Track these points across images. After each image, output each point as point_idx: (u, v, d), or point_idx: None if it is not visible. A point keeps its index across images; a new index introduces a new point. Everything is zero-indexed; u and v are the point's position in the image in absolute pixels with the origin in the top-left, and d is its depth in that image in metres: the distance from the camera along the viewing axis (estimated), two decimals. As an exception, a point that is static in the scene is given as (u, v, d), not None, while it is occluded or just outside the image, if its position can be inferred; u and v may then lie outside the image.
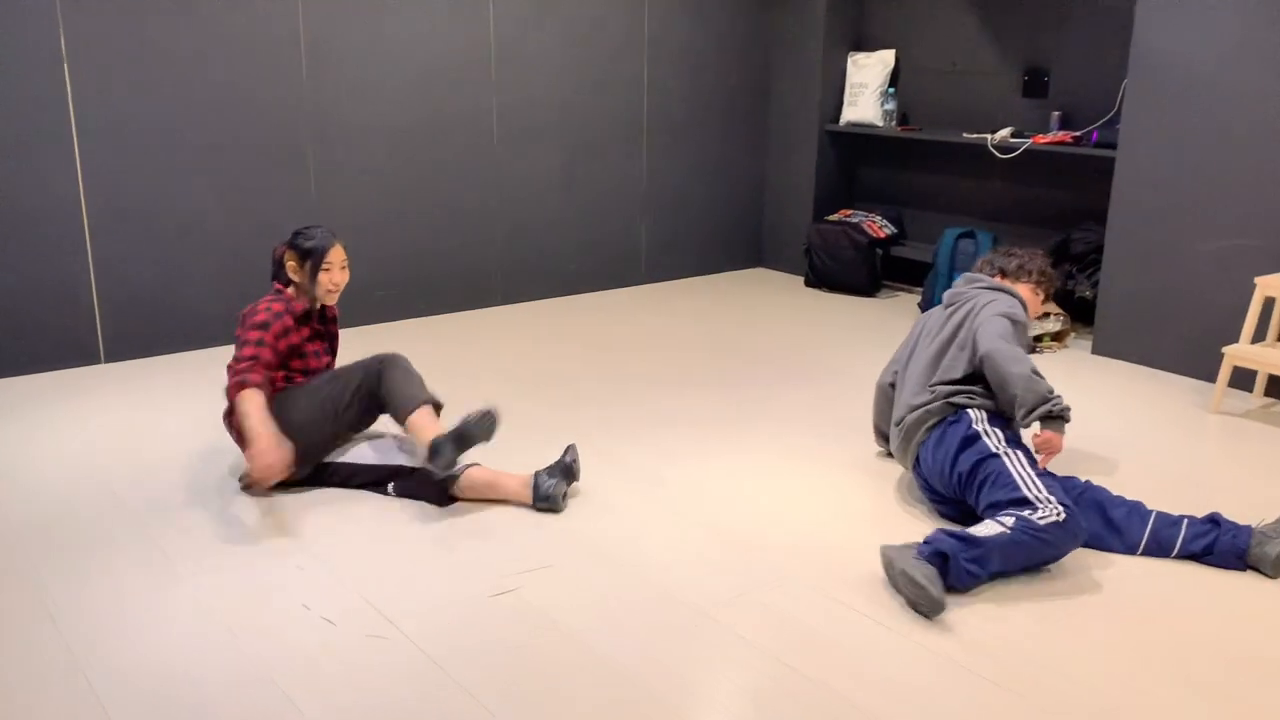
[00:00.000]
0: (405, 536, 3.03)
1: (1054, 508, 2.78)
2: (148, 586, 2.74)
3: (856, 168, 6.55)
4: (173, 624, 2.57)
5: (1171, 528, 2.95)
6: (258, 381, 3.06)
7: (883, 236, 6.02)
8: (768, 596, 2.73)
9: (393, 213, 5.22)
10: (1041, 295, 3.49)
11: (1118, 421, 4.09)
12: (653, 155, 6.13)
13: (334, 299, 3.36)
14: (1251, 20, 4.25)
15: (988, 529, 2.74)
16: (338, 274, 3.31)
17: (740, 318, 5.58)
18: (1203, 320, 4.54)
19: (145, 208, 4.55)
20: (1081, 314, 5.25)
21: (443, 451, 3.03)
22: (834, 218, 6.21)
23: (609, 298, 5.97)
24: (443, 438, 3.05)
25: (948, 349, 3.24)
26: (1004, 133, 5.45)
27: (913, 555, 2.68)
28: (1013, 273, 3.45)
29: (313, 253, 3.26)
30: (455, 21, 5.22)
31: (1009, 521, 2.74)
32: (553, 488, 3.16)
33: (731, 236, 6.64)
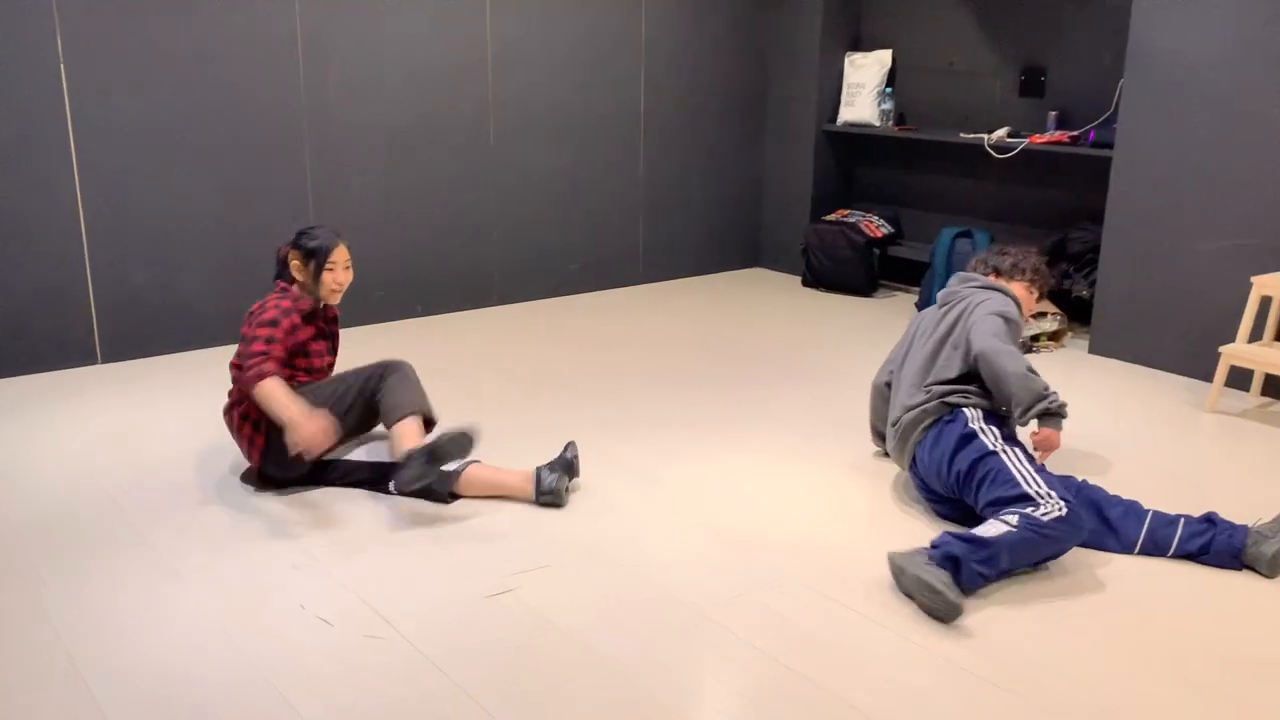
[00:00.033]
0: (402, 536, 3.03)
1: (1056, 503, 2.78)
2: (145, 587, 2.74)
3: (854, 168, 6.56)
4: (170, 624, 2.57)
5: (1168, 527, 2.96)
6: (274, 371, 3.07)
7: (880, 236, 6.03)
8: (766, 597, 2.73)
9: (390, 213, 5.22)
10: (1036, 293, 3.49)
11: (1114, 421, 4.09)
12: (650, 155, 6.13)
13: (337, 299, 3.36)
14: (1248, 19, 4.25)
15: (993, 529, 2.73)
16: (341, 274, 3.31)
17: (738, 318, 5.58)
18: (1199, 320, 4.54)
19: (142, 208, 4.54)
20: (1078, 313, 5.26)
21: (411, 465, 3.01)
22: (831, 218, 6.21)
23: (607, 298, 5.97)
24: (416, 451, 3.03)
25: (942, 349, 3.24)
26: (1001, 132, 5.46)
27: (924, 561, 2.65)
28: (1007, 271, 3.46)
29: (317, 252, 3.27)
30: (452, 22, 5.22)
31: (1013, 520, 2.74)
32: (555, 482, 3.18)
33: (729, 236, 6.64)
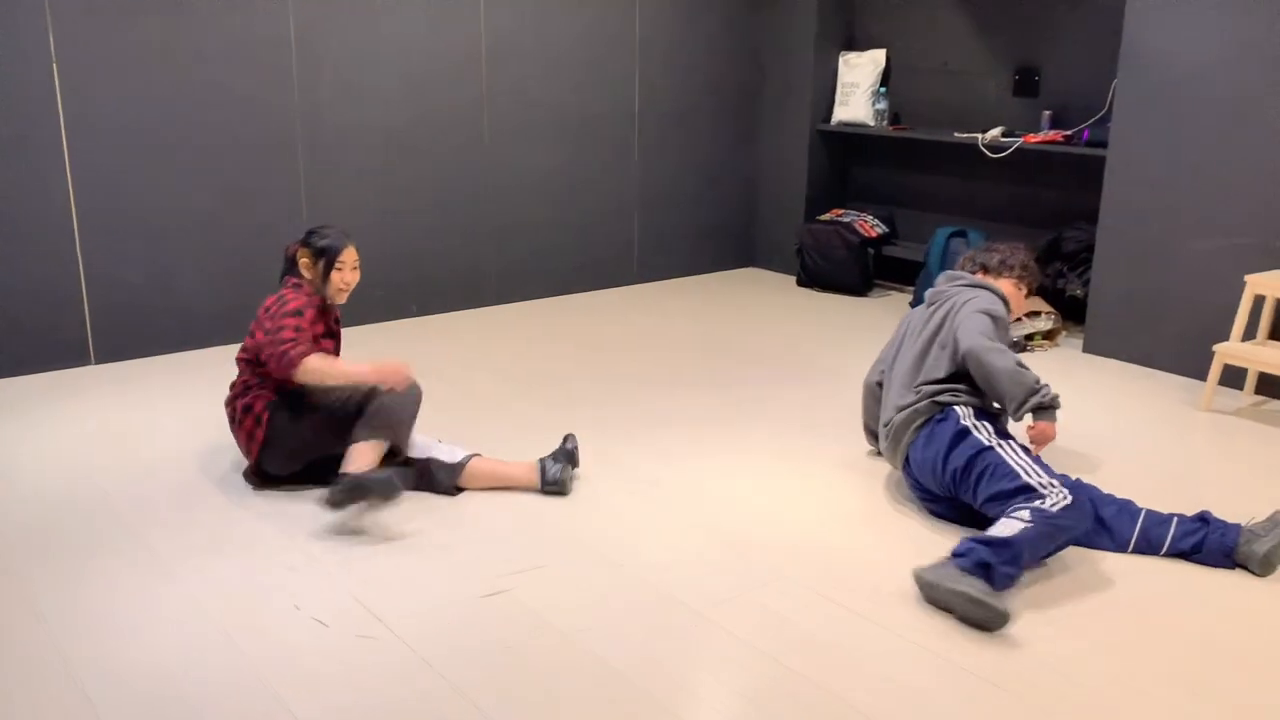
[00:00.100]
0: (398, 537, 3.03)
1: (1060, 491, 2.80)
2: (140, 587, 2.74)
3: (848, 167, 6.56)
4: (165, 625, 2.56)
5: (1161, 526, 2.96)
6: (311, 350, 3.12)
7: (874, 236, 6.03)
8: (764, 596, 2.74)
9: (385, 213, 5.21)
10: (1024, 290, 3.49)
11: (1108, 420, 4.10)
12: (645, 155, 6.13)
13: (344, 298, 3.38)
14: (1241, 19, 4.27)
15: (1009, 527, 2.70)
16: (349, 274, 3.34)
17: (732, 318, 5.59)
18: (1193, 318, 4.55)
19: (135, 208, 4.53)
20: (1073, 313, 5.27)
21: (336, 487, 3.01)
22: (826, 217, 6.22)
23: (601, 297, 5.97)
24: (346, 478, 3.02)
25: (930, 348, 3.24)
26: (995, 132, 5.47)
27: (956, 573, 2.61)
28: (995, 268, 3.46)
29: (326, 251, 3.29)
30: (447, 22, 5.21)
31: (1025, 515, 2.73)
32: (559, 472, 3.30)
33: (723, 236, 6.65)
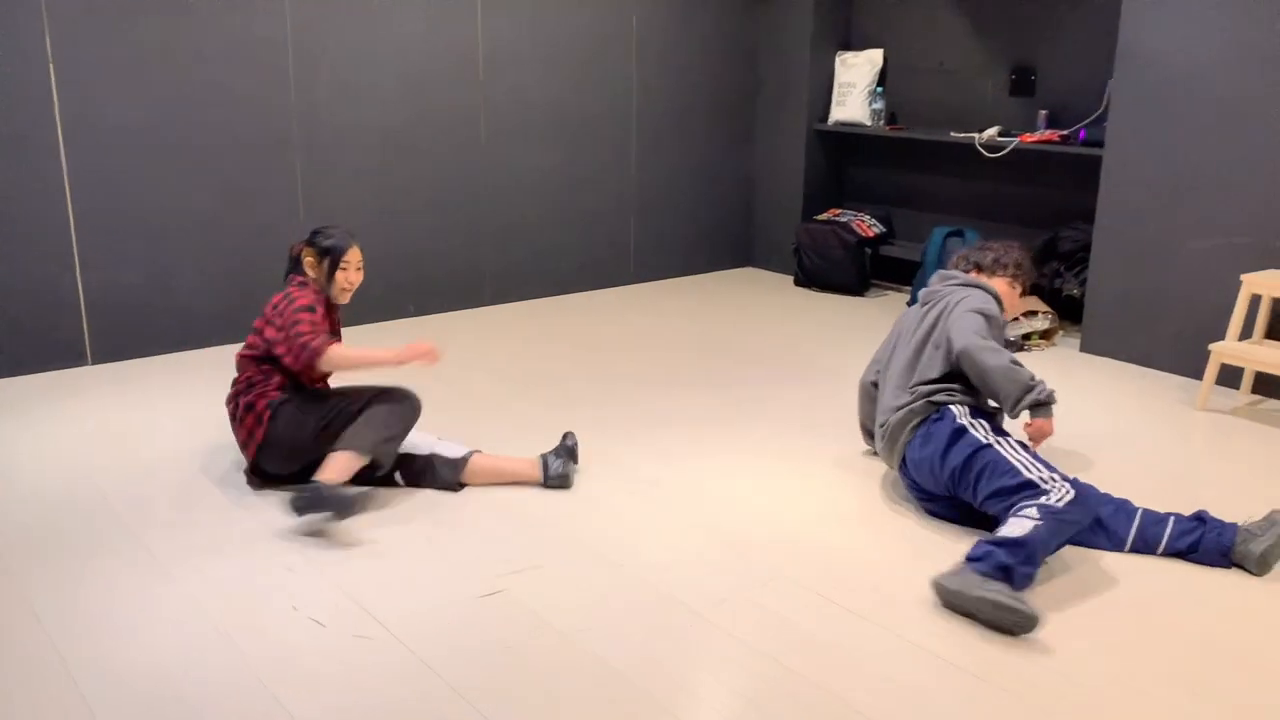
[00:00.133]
0: (395, 537, 3.03)
1: (1063, 485, 2.80)
2: (138, 587, 2.73)
3: (845, 167, 6.57)
4: (163, 625, 2.56)
5: (1157, 525, 2.97)
6: (329, 341, 3.17)
7: (871, 236, 6.04)
8: (762, 596, 2.74)
9: (382, 213, 5.21)
10: (1019, 288, 3.47)
11: (1105, 419, 4.10)
12: (641, 155, 6.13)
13: (347, 298, 3.41)
14: (1237, 18, 4.27)
15: (1020, 527, 2.69)
16: (354, 273, 3.37)
17: (730, 317, 5.59)
18: (1190, 318, 4.56)
19: (132, 208, 4.53)
20: (1069, 312, 5.27)
21: (300, 495, 3.02)
22: (823, 217, 6.22)
23: (598, 297, 5.97)
24: (309, 487, 3.02)
25: (924, 349, 3.23)
26: (991, 132, 5.47)
27: (978, 579, 2.59)
28: (988, 267, 3.45)
29: (331, 251, 3.32)
30: (443, 22, 5.21)
31: (1033, 513, 2.72)
32: (562, 466, 3.38)
33: (720, 236, 6.65)
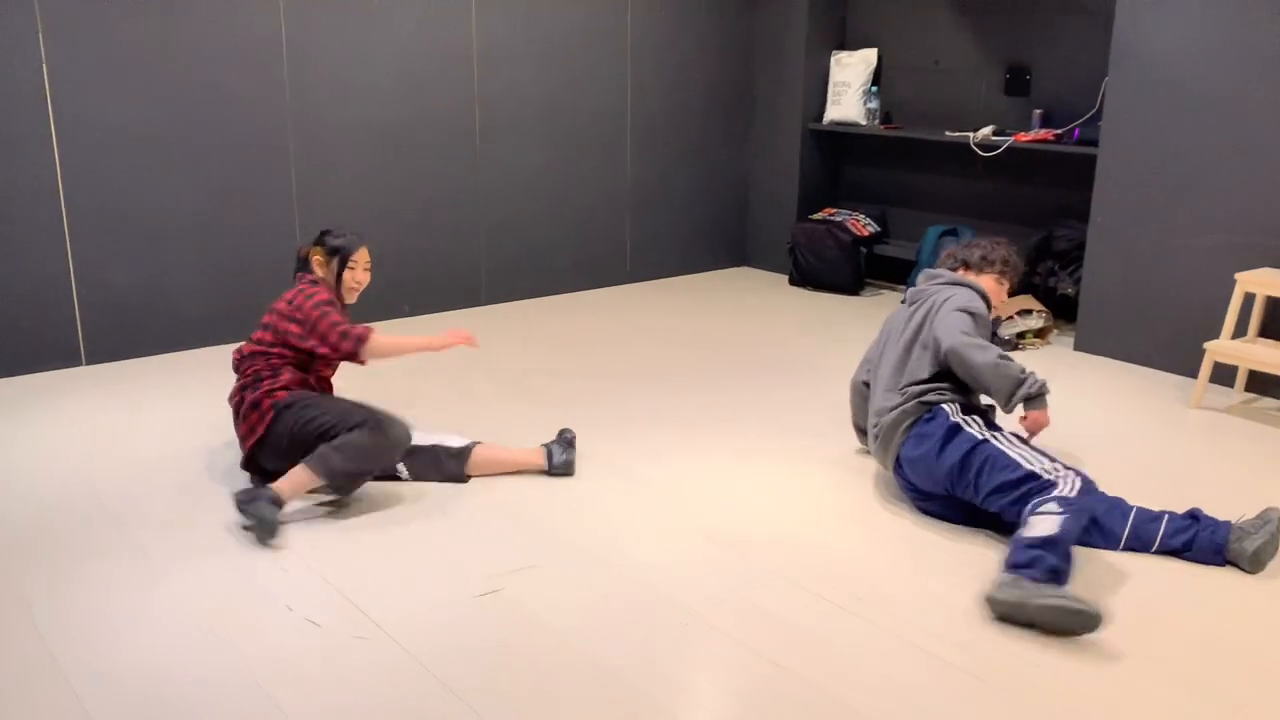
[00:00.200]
0: (391, 537, 3.03)
1: (1068, 474, 2.82)
2: (131, 588, 2.73)
3: (840, 166, 6.57)
4: (156, 626, 2.56)
5: (1151, 523, 2.97)
6: (366, 330, 3.24)
7: (866, 235, 6.04)
8: (756, 595, 2.74)
9: (376, 213, 5.20)
10: (1006, 285, 3.46)
11: (1099, 417, 4.11)
12: (636, 154, 6.13)
13: (354, 298, 3.46)
14: (1231, 18, 4.28)
15: (1049, 524, 2.67)
16: (361, 273, 3.43)
17: (725, 317, 5.59)
18: (1184, 316, 4.57)
19: (126, 208, 4.52)
20: (1064, 311, 5.28)
21: (243, 495, 3.02)
22: (818, 216, 6.23)
23: (593, 297, 5.97)
24: (255, 496, 3.01)
25: (912, 349, 3.22)
26: (986, 131, 5.48)
27: (1035, 588, 2.56)
28: (976, 264, 3.43)
29: (339, 250, 3.38)
30: (438, 22, 5.21)
31: (1054, 507, 2.72)
32: (565, 454, 3.46)
33: (715, 235, 6.65)
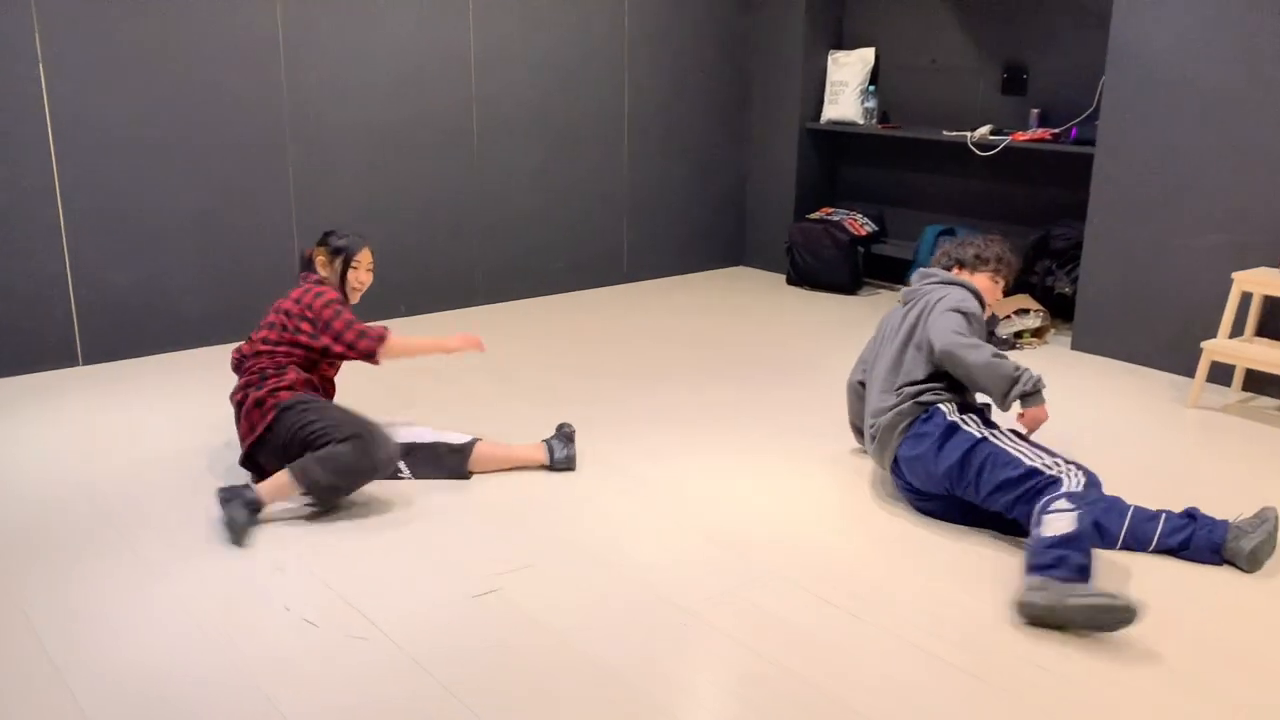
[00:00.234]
0: (388, 537, 3.03)
1: (1070, 468, 2.82)
2: (128, 588, 2.73)
3: (837, 166, 6.57)
4: (154, 626, 2.56)
5: (1149, 522, 2.97)
6: (383, 329, 3.33)
7: (864, 234, 6.04)
8: (754, 594, 2.74)
9: (374, 213, 5.20)
10: (1001, 283, 3.44)
11: (1097, 416, 4.11)
12: (634, 154, 6.13)
13: (356, 298, 3.50)
14: (1228, 17, 4.28)
15: (1066, 521, 2.67)
16: (364, 274, 3.49)
17: (722, 316, 5.59)
18: (1181, 315, 4.57)
19: (123, 208, 4.51)
20: (1061, 310, 5.29)
21: (228, 488, 3.06)
22: (815, 216, 6.23)
23: (591, 297, 5.97)
24: (236, 497, 3.03)
25: (906, 350, 3.21)
26: (983, 130, 5.48)
27: (1066, 588, 2.55)
28: (970, 263, 3.41)
29: (342, 250, 3.44)
30: (435, 20, 5.20)
31: (1065, 504, 2.71)
32: (565, 449, 3.50)
33: (713, 235, 6.65)
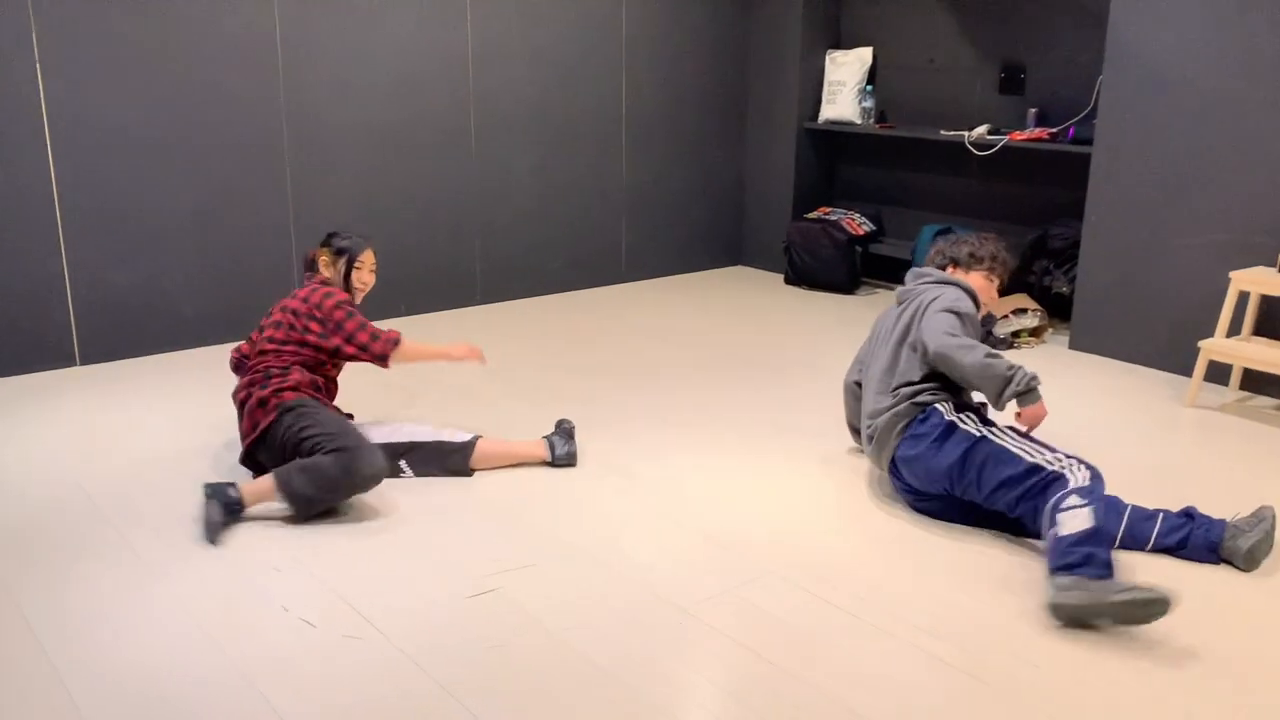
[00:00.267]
0: (386, 537, 3.03)
1: (1072, 463, 2.83)
2: (126, 589, 2.72)
3: (835, 165, 6.57)
4: (151, 626, 2.55)
5: (1146, 521, 2.97)
6: (396, 333, 3.38)
7: (862, 234, 6.05)
8: (752, 594, 2.74)
9: (372, 212, 5.20)
10: (996, 281, 3.42)
11: (1094, 416, 4.11)
12: (632, 154, 6.13)
13: (359, 299, 3.52)
14: (1225, 17, 4.28)
15: (1083, 517, 2.66)
16: (367, 274, 3.53)
17: (720, 316, 5.59)
18: (1179, 315, 4.57)
19: (120, 208, 4.51)
20: (1059, 309, 5.29)
21: (215, 485, 3.07)
22: (813, 215, 6.23)
23: (589, 296, 5.97)
24: (219, 496, 3.04)
25: (901, 351, 3.20)
26: (981, 129, 5.48)
27: (1100, 586, 2.55)
28: (964, 261, 3.40)
29: (345, 251, 3.49)
30: (433, 21, 5.20)
31: (1077, 500, 2.71)
32: (565, 445, 3.53)
33: (711, 235, 6.65)
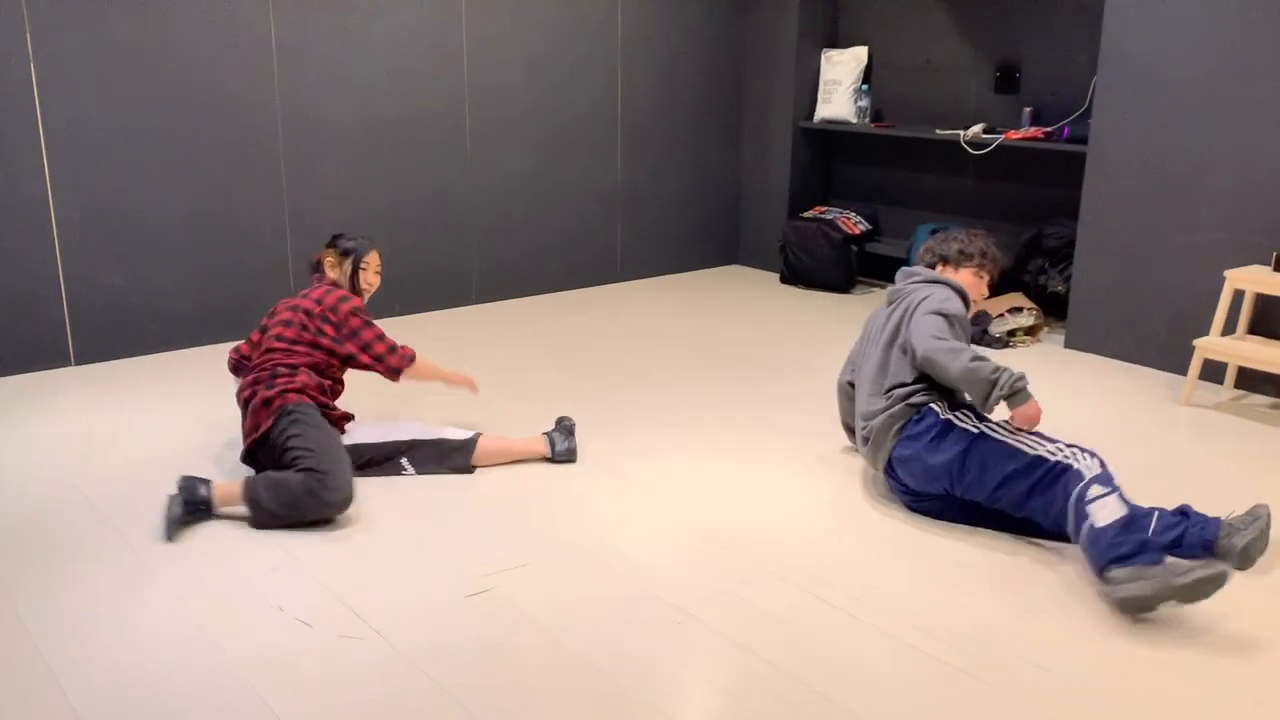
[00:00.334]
0: (382, 536, 3.02)
1: (1078, 453, 2.83)
2: (120, 589, 2.72)
3: (831, 164, 6.58)
4: (147, 626, 2.55)
5: (1142, 520, 2.97)
6: (411, 350, 3.47)
7: (857, 233, 6.05)
8: (747, 593, 2.74)
9: (367, 212, 5.19)
10: (986, 278, 3.39)
11: (1090, 415, 4.12)
12: (627, 153, 6.13)
13: (364, 300, 3.53)
14: (1220, 16, 4.29)
15: (1113, 507, 2.66)
16: (372, 275, 3.57)
17: (716, 316, 5.59)
18: (1174, 313, 4.58)
19: (115, 208, 4.50)
20: (1054, 308, 5.30)
21: (188, 478, 3.08)
22: (809, 214, 6.23)
23: (585, 296, 5.97)
24: (189, 491, 3.04)
25: (891, 352, 3.20)
26: (976, 129, 5.49)
27: (1161, 569, 2.54)
28: (954, 259, 3.37)
29: (351, 252, 3.52)
30: (429, 21, 5.20)
31: (1100, 489, 2.71)
32: (565, 441, 3.55)
33: (707, 234, 6.65)
